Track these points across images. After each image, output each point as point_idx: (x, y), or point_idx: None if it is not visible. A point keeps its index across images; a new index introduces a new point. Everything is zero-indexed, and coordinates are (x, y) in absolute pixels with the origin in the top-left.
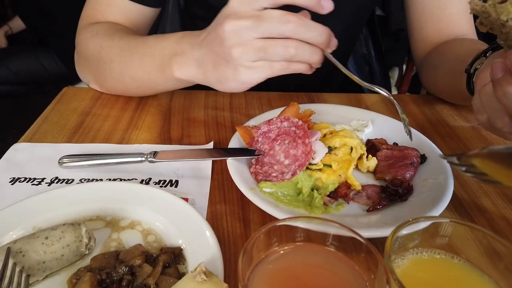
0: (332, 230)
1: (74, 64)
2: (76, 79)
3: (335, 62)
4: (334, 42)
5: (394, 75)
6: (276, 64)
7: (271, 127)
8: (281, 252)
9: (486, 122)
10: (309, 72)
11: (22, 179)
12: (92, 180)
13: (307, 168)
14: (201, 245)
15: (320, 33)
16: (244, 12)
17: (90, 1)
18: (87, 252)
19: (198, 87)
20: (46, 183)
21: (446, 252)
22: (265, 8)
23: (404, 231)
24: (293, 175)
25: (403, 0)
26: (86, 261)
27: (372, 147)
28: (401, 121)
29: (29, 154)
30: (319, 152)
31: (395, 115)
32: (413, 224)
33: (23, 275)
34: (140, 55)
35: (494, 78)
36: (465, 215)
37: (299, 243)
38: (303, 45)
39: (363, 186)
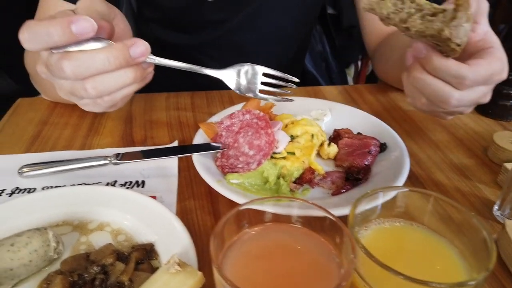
0: (298, 208)
1: (23, 79)
2: (30, 94)
3: (164, 61)
4: (138, 51)
5: (351, 72)
6: (98, 100)
7: (233, 120)
8: (252, 233)
9: (412, 103)
10: (138, 88)
11: None
12: (55, 187)
13: (271, 157)
14: (172, 239)
15: (106, 60)
16: (42, 56)
17: (36, 15)
18: (56, 256)
19: (157, 89)
20: (6, 194)
21: (405, 220)
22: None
23: (365, 202)
24: (258, 164)
25: None
26: (56, 266)
27: (337, 136)
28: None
29: None
30: (282, 141)
31: (352, 104)
32: (372, 195)
33: None
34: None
35: (407, 65)
36: None
37: (268, 224)
38: (101, 78)
39: (328, 173)
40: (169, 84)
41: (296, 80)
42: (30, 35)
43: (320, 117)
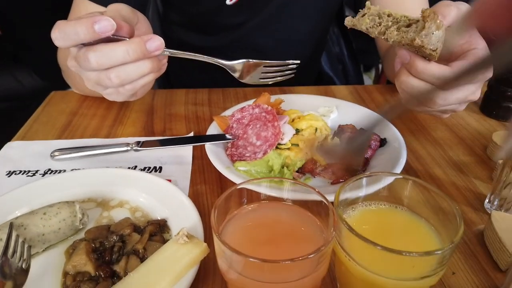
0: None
1: (50, 76)
2: (55, 89)
3: (177, 53)
4: (154, 46)
5: (372, 75)
6: (120, 89)
7: (244, 113)
8: (249, 208)
9: (406, 105)
10: (156, 77)
11: (18, 172)
12: (83, 169)
13: (277, 147)
14: (183, 216)
15: (125, 51)
16: (72, 52)
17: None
18: (81, 227)
19: (178, 86)
20: (40, 174)
21: (390, 203)
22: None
23: (351, 185)
24: (264, 154)
25: None
26: (81, 235)
27: (341, 131)
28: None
29: (22, 151)
30: (287, 133)
31: (360, 103)
32: (358, 180)
33: (26, 246)
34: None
35: (396, 71)
36: None
37: (264, 201)
38: (123, 68)
39: (329, 164)
40: (189, 81)
41: (297, 62)
42: (60, 34)
43: (327, 113)
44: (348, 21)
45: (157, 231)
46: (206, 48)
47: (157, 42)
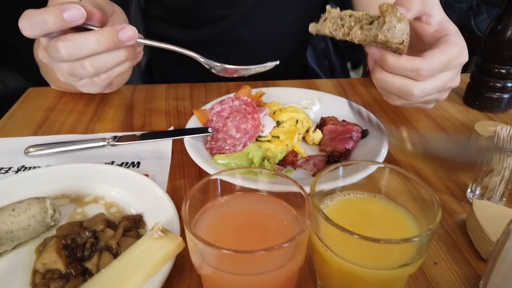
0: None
1: (33, 76)
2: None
3: (150, 43)
4: (126, 36)
5: (360, 72)
6: (95, 79)
7: (223, 106)
8: (223, 200)
9: (386, 100)
10: (132, 65)
11: None
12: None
13: (257, 140)
14: (159, 211)
15: (96, 41)
16: (41, 42)
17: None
18: (53, 223)
19: (161, 82)
20: (13, 171)
21: (368, 192)
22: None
23: (327, 175)
24: (244, 146)
25: None
26: (53, 232)
27: (323, 123)
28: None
29: None
30: (268, 125)
31: (343, 96)
32: (334, 169)
33: None
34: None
35: (370, 69)
36: None
37: (238, 192)
38: (98, 56)
39: (311, 156)
40: (172, 77)
41: (276, 62)
42: (27, 23)
43: (309, 106)
44: (312, 28)
45: (132, 227)
46: (188, 42)
47: (129, 32)
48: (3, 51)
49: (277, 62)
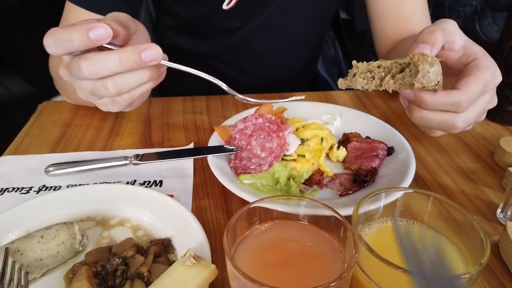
0: (307, 207)
1: (39, 82)
2: (44, 96)
3: (175, 66)
4: (149, 56)
5: None
6: (117, 99)
7: (247, 124)
8: (262, 229)
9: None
10: (154, 85)
11: (10, 189)
12: (79, 186)
13: (282, 159)
14: (188, 235)
15: (117, 61)
16: (64, 60)
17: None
18: (81, 249)
19: (172, 92)
20: (34, 191)
21: (407, 218)
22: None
23: (368, 202)
24: (270, 166)
25: (365, 2)
26: (80, 258)
27: (346, 139)
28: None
29: (14, 166)
30: (293, 144)
31: (362, 109)
32: (375, 195)
33: (23, 272)
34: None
35: (405, 108)
36: None
37: (277, 221)
38: (120, 77)
39: (337, 175)
40: (183, 87)
41: (301, 97)
42: (53, 40)
43: (330, 121)
44: (341, 84)
45: (162, 252)
46: (202, 53)
47: (153, 51)
48: (6, 57)
49: (303, 97)
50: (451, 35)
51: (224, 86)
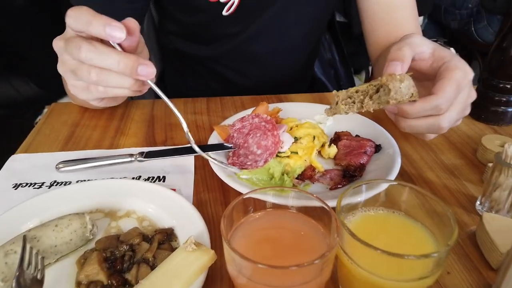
0: (295, 197)
1: (47, 84)
2: (52, 99)
3: (157, 91)
4: (145, 72)
5: (362, 77)
6: (91, 87)
7: (244, 123)
8: (256, 216)
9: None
10: (130, 95)
11: (24, 184)
12: (88, 181)
13: (277, 155)
14: (189, 225)
15: (116, 61)
16: (68, 34)
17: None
18: (92, 237)
19: (174, 94)
20: (46, 186)
21: (387, 208)
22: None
23: (351, 193)
24: (265, 162)
25: (358, 6)
26: (91, 245)
27: (337, 138)
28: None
29: (27, 163)
30: (287, 141)
31: None
32: (358, 187)
33: (39, 257)
34: None
35: (393, 120)
36: None
37: (269, 209)
38: (107, 72)
39: (327, 170)
40: (184, 89)
41: None
42: (76, 15)
43: (323, 121)
44: (328, 113)
45: (165, 240)
46: (203, 57)
47: (149, 70)
48: (16, 60)
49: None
50: (418, 47)
51: (184, 127)
